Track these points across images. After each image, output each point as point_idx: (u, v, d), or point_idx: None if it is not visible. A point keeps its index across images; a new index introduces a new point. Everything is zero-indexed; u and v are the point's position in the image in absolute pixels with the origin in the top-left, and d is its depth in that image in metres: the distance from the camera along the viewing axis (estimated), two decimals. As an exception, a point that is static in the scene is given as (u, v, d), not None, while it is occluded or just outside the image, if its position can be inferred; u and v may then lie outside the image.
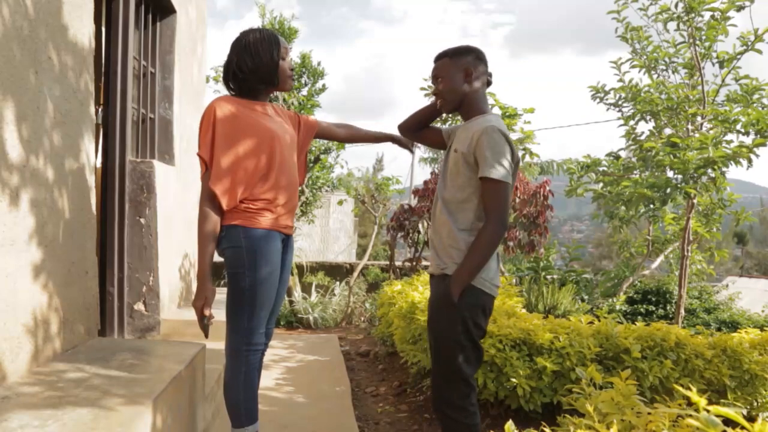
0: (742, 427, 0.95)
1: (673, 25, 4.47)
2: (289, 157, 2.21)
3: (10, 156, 1.98)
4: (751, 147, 3.93)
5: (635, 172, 4.68)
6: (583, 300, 6.31)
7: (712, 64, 4.45)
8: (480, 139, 1.99)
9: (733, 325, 6.61)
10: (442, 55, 2.17)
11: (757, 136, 4.07)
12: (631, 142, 4.85)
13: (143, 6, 3.59)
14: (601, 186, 4.81)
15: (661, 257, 6.62)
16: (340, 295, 7.49)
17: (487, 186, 1.99)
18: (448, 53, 2.16)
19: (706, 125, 4.51)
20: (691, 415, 1.04)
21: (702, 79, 4.42)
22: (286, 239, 2.25)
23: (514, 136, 4.93)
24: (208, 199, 2.05)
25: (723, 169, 4.04)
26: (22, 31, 2.05)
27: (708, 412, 0.97)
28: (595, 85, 4.96)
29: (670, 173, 4.38)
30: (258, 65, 2.13)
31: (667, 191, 4.18)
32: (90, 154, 2.63)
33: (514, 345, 2.96)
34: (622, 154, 4.97)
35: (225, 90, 2.31)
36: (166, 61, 3.91)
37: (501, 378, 2.87)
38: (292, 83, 2.29)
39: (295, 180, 2.24)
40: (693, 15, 4.24)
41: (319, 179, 6.94)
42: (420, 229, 5.55)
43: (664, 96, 4.55)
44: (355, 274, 7.36)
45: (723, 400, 3.08)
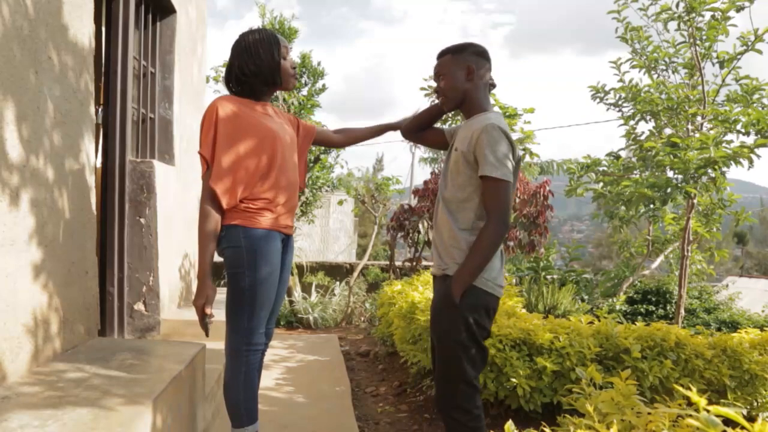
0: (742, 427, 0.95)
1: (673, 25, 4.47)
2: (290, 157, 2.21)
3: (10, 156, 1.98)
4: (752, 147, 3.93)
5: (635, 172, 4.68)
6: (583, 300, 6.31)
7: (712, 64, 4.45)
8: (480, 137, 1.96)
9: (733, 325, 6.61)
10: (445, 52, 2.15)
11: (758, 137, 4.07)
12: (631, 142, 4.85)
13: (143, 6, 3.59)
14: (602, 185, 4.81)
15: (661, 257, 6.62)
16: (340, 295, 7.49)
17: (487, 185, 1.96)
18: (451, 50, 2.14)
19: (706, 125, 4.51)
20: (691, 415, 1.04)
21: (702, 79, 4.42)
22: (286, 239, 2.25)
23: (514, 136, 4.93)
24: (209, 198, 2.05)
25: (723, 169, 4.04)
26: (22, 31, 2.05)
27: (708, 412, 0.97)
28: (595, 85, 4.96)
29: (670, 173, 4.38)
30: (260, 67, 2.13)
31: (668, 191, 4.18)
32: (90, 154, 2.63)
33: (514, 345, 2.96)
34: (622, 154, 4.97)
35: (224, 90, 2.31)
36: (166, 61, 3.91)
37: (501, 378, 2.87)
38: (295, 82, 2.29)
39: (295, 180, 2.24)
40: (693, 15, 4.24)
41: (319, 179, 6.94)
42: (420, 229, 5.55)
43: (664, 96, 4.55)
44: (355, 274, 7.36)
45: (723, 400, 3.08)
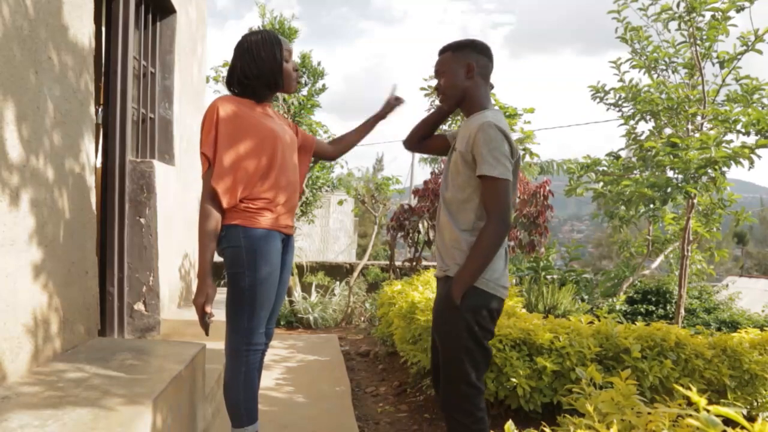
0: (742, 427, 0.95)
1: (673, 25, 4.48)
2: (290, 157, 2.21)
3: (10, 156, 1.98)
4: (753, 148, 3.93)
5: (635, 171, 4.68)
6: (583, 300, 6.31)
7: (713, 64, 4.45)
8: (476, 137, 1.93)
9: (733, 325, 6.60)
10: (446, 49, 2.13)
11: (758, 137, 4.07)
12: (631, 142, 4.85)
13: (143, 6, 3.59)
14: (602, 185, 4.81)
15: (661, 257, 6.62)
16: (340, 295, 7.49)
17: (485, 184, 1.94)
18: (451, 47, 2.12)
19: (706, 125, 4.51)
20: (691, 415, 1.04)
21: (702, 79, 4.42)
22: (287, 239, 2.25)
23: (514, 136, 4.93)
24: (210, 197, 2.05)
25: (723, 169, 4.04)
26: (22, 31, 2.05)
27: (708, 412, 0.97)
28: (595, 85, 4.96)
29: (670, 173, 4.38)
30: (262, 70, 2.12)
31: (668, 191, 4.18)
32: (90, 154, 2.63)
33: (514, 345, 2.96)
34: (622, 154, 4.97)
35: (224, 90, 2.31)
36: (166, 61, 3.91)
37: (501, 378, 2.87)
38: (297, 85, 2.28)
39: (295, 180, 2.24)
40: (694, 15, 4.24)
41: (319, 179, 6.94)
42: (420, 229, 5.55)
43: (664, 96, 4.55)
44: (355, 274, 7.35)
45: (723, 400, 3.08)
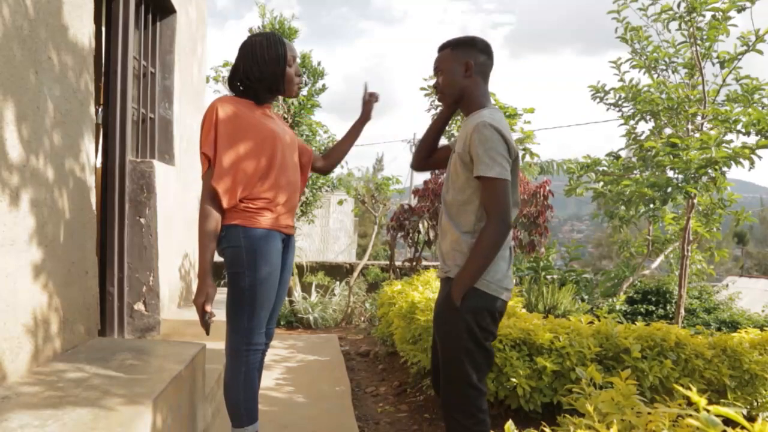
0: (742, 427, 0.95)
1: (673, 25, 4.48)
2: (290, 157, 2.21)
3: (10, 156, 1.98)
4: (754, 148, 3.92)
5: (635, 171, 4.68)
6: (583, 300, 6.31)
7: (713, 64, 4.45)
8: (472, 137, 1.90)
9: (733, 325, 6.60)
10: (445, 46, 2.11)
11: (759, 137, 4.07)
12: (631, 142, 4.85)
13: (143, 6, 3.59)
14: (602, 185, 4.81)
15: (661, 257, 6.62)
16: (340, 295, 7.49)
17: (484, 185, 1.90)
18: (450, 44, 2.09)
19: (707, 125, 4.51)
20: (691, 415, 1.04)
21: (703, 79, 4.42)
22: (287, 239, 2.25)
23: (514, 135, 4.93)
24: (210, 197, 2.05)
25: (723, 169, 4.04)
26: (22, 31, 2.05)
27: (708, 412, 0.97)
28: (595, 85, 4.96)
29: (670, 173, 4.38)
30: (264, 73, 2.13)
31: (668, 191, 4.18)
32: (90, 154, 2.63)
33: (514, 345, 2.96)
34: (622, 154, 4.98)
35: (225, 90, 2.31)
36: (166, 61, 3.91)
37: (501, 378, 2.87)
38: (299, 91, 2.27)
39: (295, 180, 2.24)
40: (694, 15, 4.24)
41: (319, 179, 6.94)
42: (420, 229, 5.55)
43: (664, 96, 4.55)
44: (355, 274, 7.35)
45: (723, 400, 3.08)
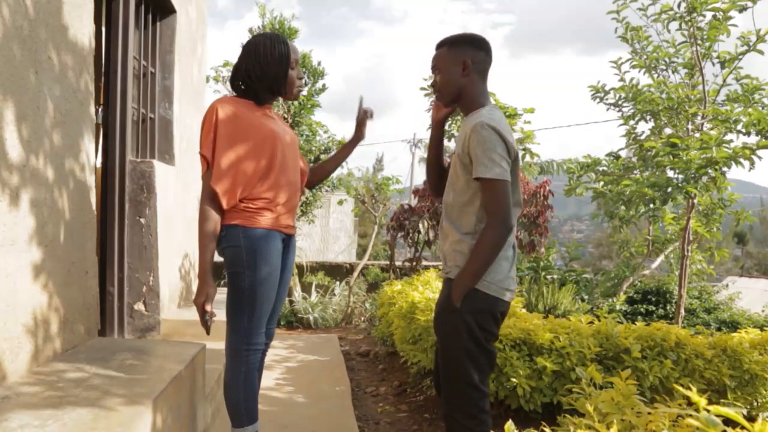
0: (742, 427, 0.95)
1: (673, 26, 4.48)
2: (290, 156, 2.21)
3: (10, 156, 1.98)
4: (754, 149, 3.92)
5: (635, 171, 4.68)
6: (583, 300, 6.31)
7: (713, 64, 4.45)
8: (470, 138, 1.88)
9: (733, 325, 6.60)
10: (442, 44, 2.08)
11: (759, 137, 4.07)
12: (631, 142, 4.85)
13: (143, 6, 3.59)
14: (602, 185, 4.80)
15: (661, 257, 6.61)
16: (340, 295, 7.49)
17: (483, 187, 1.88)
18: (447, 42, 2.06)
19: (707, 125, 4.51)
20: (691, 415, 1.04)
21: (703, 79, 4.42)
22: (288, 239, 2.25)
23: (514, 135, 4.93)
24: (209, 198, 2.05)
25: (724, 169, 4.04)
26: (22, 31, 2.05)
27: (708, 412, 0.97)
28: (595, 85, 4.96)
29: (670, 173, 4.38)
30: (266, 74, 2.13)
31: (668, 191, 4.18)
32: (90, 154, 2.63)
33: (514, 345, 2.96)
34: (622, 154, 4.98)
35: (225, 90, 2.31)
36: (166, 61, 3.91)
37: (501, 378, 2.87)
38: (299, 93, 2.27)
39: (295, 180, 2.24)
40: (695, 15, 4.24)
41: (319, 179, 6.93)
42: (420, 229, 5.55)
43: (664, 95, 4.55)
44: (355, 274, 7.35)
45: (723, 400, 3.08)
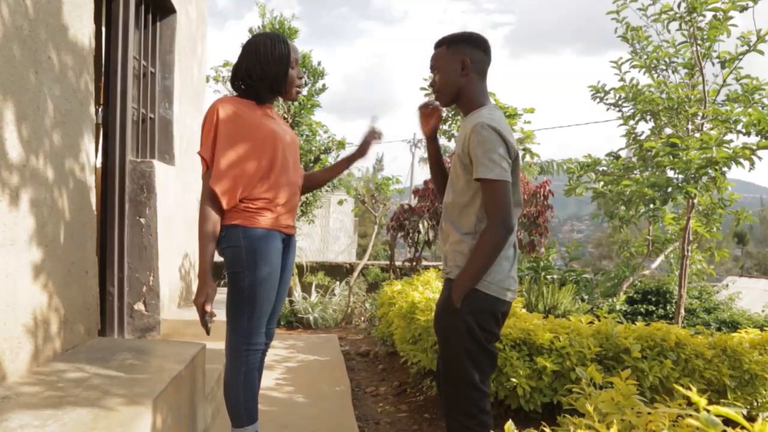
0: (742, 427, 0.95)
1: (673, 26, 4.48)
2: (290, 156, 2.21)
3: (10, 156, 1.98)
4: (755, 149, 3.92)
5: (635, 171, 4.68)
6: (583, 300, 6.31)
7: (713, 64, 4.45)
8: (470, 139, 1.87)
9: (733, 325, 6.59)
10: (441, 43, 2.06)
11: (759, 137, 4.06)
12: (631, 142, 4.85)
13: (143, 6, 3.59)
14: (602, 185, 4.80)
15: (661, 257, 6.61)
16: (340, 295, 7.49)
17: (484, 188, 1.87)
18: (446, 41, 2.04)
19: (707, 125, 4.51)
20: (691, 415, 1.04)
21: (703, 79, 4.42)
22: (288, 239, 2.25)
23: (514, 136, 4.92)
24: (209, 198, 2.05)
25: (724, 169, 4.04)
26: (22, 31, 2.05)
27: (708, 412, 0.97)
28: (595, 85, 4.96)
29: (670, 173, 4.38)
30: (267, 72, 2.13)
31: (668, 191, 4.18)
32: (90, 154, 2.63)
33: (514, 345, 2.96)
34: (622, 154, 4.98)
35: (225, 90, 2.30)
36: (166, 61, 3.91)
37: (501, 378, 2.87)
38: (298, 94, 2.27)
39: (296, 180, 2.24)
40: (695, 15, 4.24)
41: (319, 179, 6.93)
42: (420, 229, 5.55)
43: (664, 95, 4.55)
44: (355, 274, 7.35)
45: (723, 400, 3.08)
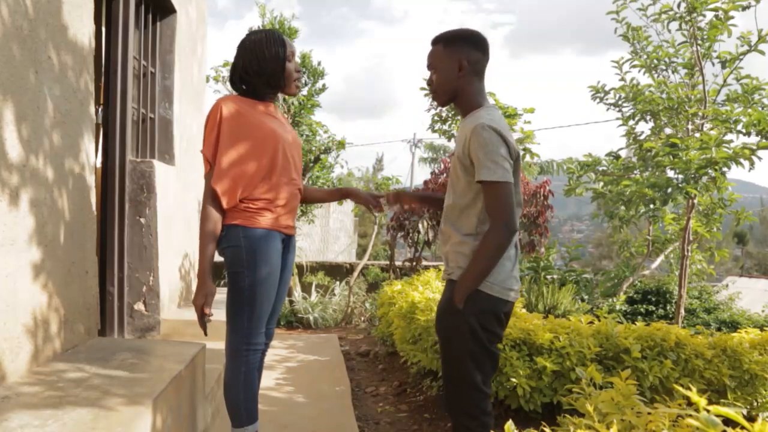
0: (742, 427, 0.95)
1: (673, 26, 4.48)
2: (291, 156, 2.21)
3: (10, 156, 1.98)
4: (755, 149, 3.92)
5: (635, 171, 4.68)
6: (583, 300, 6.31)
7: (713, 64, 4.45)
8: (471, 140, 1.86)
9: (733, 325, 6.59)
10: (437, 40, 2.02)
11: (759, 137, 4.06)
12: (631, 142, 4.85)
13: (143, 6, 3.59)
14: (602, 185, 4.80)
15: (661, 257, 6.61)
16: (340, 295, 7.49)
17: (486, 189, 1.86)
18: (443, 39, 2.00)
19: (707, 125, 4.51)
20: (691, 415, 1.04)
21: (703, 79, 4.42)
22: (288, 239, 2.25)
23: (513, 135, 4.92)
24: (211, 197, 2.05)
25: (724, 169, 4.04)
26: (22, 31, 2.05)
27: (708, 412, 0.97)
28: (595, 85, 4.96)
29: (670, 173, 4.38)
30: (263, 68, 2.13)
31: (668, 191, 4.18)
32: (90, 154, 2.63)
33: (514, 345, 2.96)
34: (622, 154, 4.98)
35: (224, 90, 2.31)
36: (166, 60, 3.91)
37: (501, 378, 2.87)
38: (298, 86, 2.27)
39: (296, 180, 2.24)
40: (695, 15, 4.24)
41: (319, 179, 6.94)
42: (420, 229, 5.55)
43: (664, 95, 4.55)
44: (355, 274, 7.35)
45: (723, 400, 3.08)
